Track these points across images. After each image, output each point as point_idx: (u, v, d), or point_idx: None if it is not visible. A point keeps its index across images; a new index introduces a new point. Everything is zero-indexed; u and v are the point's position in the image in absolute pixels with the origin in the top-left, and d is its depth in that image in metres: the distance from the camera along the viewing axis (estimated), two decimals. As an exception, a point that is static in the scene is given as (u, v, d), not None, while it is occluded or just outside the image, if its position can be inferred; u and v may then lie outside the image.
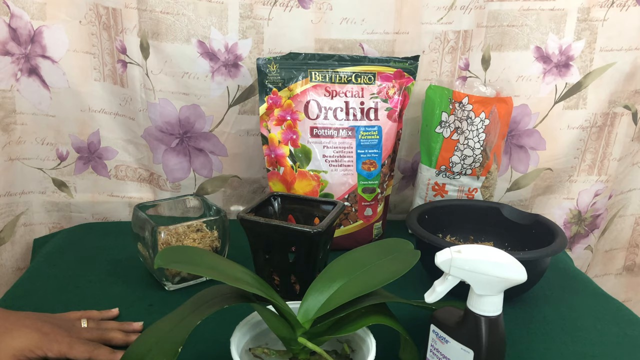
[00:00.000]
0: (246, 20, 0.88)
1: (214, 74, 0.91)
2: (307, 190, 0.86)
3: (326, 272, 0.56)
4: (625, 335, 0.68)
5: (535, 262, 0.69)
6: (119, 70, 0.91)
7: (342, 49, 0.91)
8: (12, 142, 0.93)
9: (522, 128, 1.01)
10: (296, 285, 0.70)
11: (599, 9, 0.94)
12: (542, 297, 0.76)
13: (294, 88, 0.85)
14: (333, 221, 0.69)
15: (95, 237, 0.92)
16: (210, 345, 0.62)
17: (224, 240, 0.78)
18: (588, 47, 0.96)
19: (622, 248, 1.18)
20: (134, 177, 1.01)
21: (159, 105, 0.92)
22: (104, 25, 0.89)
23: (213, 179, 1.00)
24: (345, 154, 0.86)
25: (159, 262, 0.50)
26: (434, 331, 0.54)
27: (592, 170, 1.05)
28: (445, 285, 0.51)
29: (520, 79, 0.97)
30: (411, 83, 0.87)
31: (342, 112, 0.86)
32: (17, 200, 0.96)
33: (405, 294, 0.61)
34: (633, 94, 1.01)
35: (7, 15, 0.86)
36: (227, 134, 0.96)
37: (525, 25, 0.94)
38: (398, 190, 1.05)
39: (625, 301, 1.20)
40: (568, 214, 1.08)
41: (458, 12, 0.91)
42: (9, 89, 0.90)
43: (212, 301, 0.51)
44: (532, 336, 0.67)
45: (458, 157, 0.89)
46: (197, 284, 0.77)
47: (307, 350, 0.53)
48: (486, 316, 0.50)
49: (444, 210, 0.85)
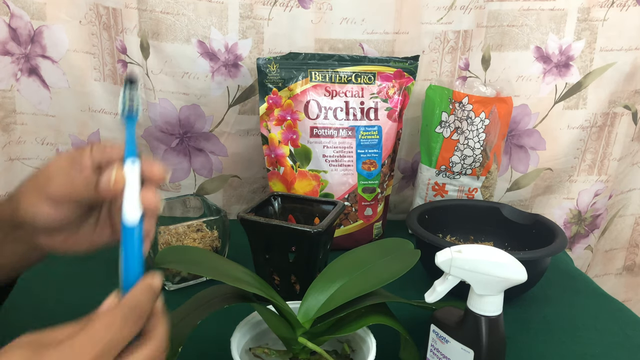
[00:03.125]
0: (246, 20, 0.88)
1: (214, 74, 0.91)
2: (307, 190, 0.86)
3: (326, 272, 0.56)
4: (625, 335, 0.68)
5: (535, 262, 0.69)
6: (119, 70, 0.91)
7: (342, 49, 0.91)
8: (12, 142, 0.93)
9: (522, 128, 1.01)
10: (296, 285, 0.70)
11: (599, 9, 0.94)
12: (542, 297, 0.76)
13: (294, 88, 0.85)
14: (333, 221, 0.69)
15: (95, 237, 0.92)
16: (210, 345, 0.62)
17: (224, 240, 0.78)
18: (588, 47, 0.96)
19: (622, 248, 1.18)
20: (134, 177, 1.01)
21: (159, 105, 0.92)
22: (104, 25, 0.89)
23: (213, 179, 1.00)
24: (345, 154, 0.86)
25: (159, 262, 0.50)
26: (434, 331, 0.54)
27: (592, 170, 1.05)
28: (445, 285, 0.51)
29: (520, 79, 0.97)
30: (411, 83, 0.87)
31: (342, 112, 0.86)
32: (17, 200, 0.96)
33: (405, 294, 0.61)
34: (633, 94, 1.01)
35: (7, 15, 0.86)
36: (227, 134, 0.96)
37: (525, 25, 0.94)
38: (398, 190, 1.05)
39: (625, 301, 1.19)
40: (568, 214, 1.08)
41: (458, 12, 0.91)
42: (9, 89, 0.90)
43: (212, 301, 0.51)
44: (532, 336, 0.67)
45: (458, 157, 0.89)
46: (197, 284, 0.76)
47: (307, 350, 0.53)
48: (486, 316, 0.50)
49: (444, 210, 0.85)
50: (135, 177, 0.41)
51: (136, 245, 0.40)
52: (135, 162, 0.41)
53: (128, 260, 0.39)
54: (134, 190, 0.41)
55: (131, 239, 0.40)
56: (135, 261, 0.39)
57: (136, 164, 0.42)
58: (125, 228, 0.40)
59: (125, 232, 0.40)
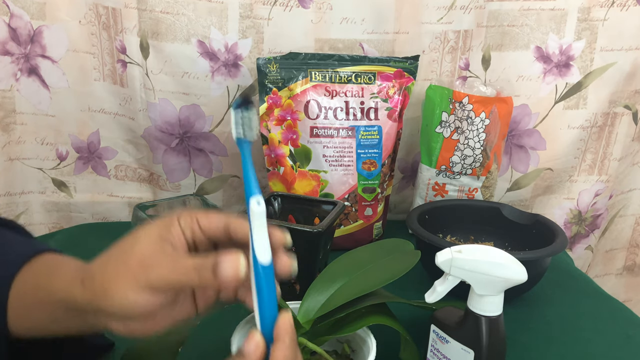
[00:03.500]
0: (246, 20, 0.88)
1: (214, 73, 0.91)
2: (307, 190, 0.85)
3: (326, 272, 0.56)
4: (626, 335, 0.68)
5: (535, 262, 0.69)
6: (119, 70, 0.91)
7: (342, 48, 0.91)
8: (12, 142, 0.93)
9: (523, 128, 1.01)
10: (296, 285, 0.70)
11: (600, 9, 0.94)
12: (542, 297, 0.76)
13: (294, 88, 0.85)
14: (333, 221, 0.69)
15: (94, 237, 0.92)
16: (210, 345, 0.62)
17: (224, 240, 0.78)
18: (588, 47, 0.96)
19: (623, 248, 1.18)
20: (133, 177, 1.01)
21: (159, 105, 0.92)
22: (104, 25, 0.89)
23: (213, 179, 1.00)
24: (345, 154, 0.86)
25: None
26: (435, 331, 0.54)
27: (592, 170, 1.05)
28: (445, 285, 0.50)
29: (520, 78, 0.97)
30: (411, 83, 0.87)
31: (342, 112, 0.86)
32: (16, 200, 0.96)
33: (405, 294, 0.61)
34: (633, 94, 1.01)
35: (7, 15, 0.86)
36: (227, 134, 0.96)
37: (525, 25, 0.94)
38: (398, 190, 1.05)
39: (625, 301, 1.19)
40: (568, 214, 1.08)
41: (458, 12, 0.91)
42: (8, 88, 0.90)
43: (212, 301, 0.51)
44: (532, 336, 0.66)
45: (458, 157, 0.89)
46: (197, 284, 0.76)
47: (307, 351, 0.53)
48: (486, 316, 0.49)
49: (444, 210, 0.85)
50: (263, 218, 0.39)
51: (271, 284, 0.39)
52: (260, 203, 0.39)
53: (263, 299, 0.39)
54: (262, 231, 0.39)
55: (265, 279, 0.39)
56: (271, 299, 0.40)
57: (261, 203, 0.39)
58: (259, 268, 0.39)
59: (258, 272, 0.39)
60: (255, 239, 0.39)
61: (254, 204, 0.39)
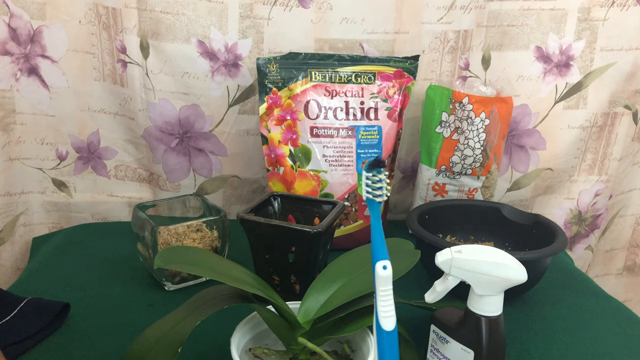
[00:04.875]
0: (246, 20, 0.88)
1: (214, 73, 0.91)
2: (307, 190, 0.85)
3: (326, 272, 0.56)
4: (626, 335, 0.68)
5: (535, 262, 0.69)
6: (119, 70, 0.91)
7: (342, 48, 0.91)
8: (12, 142, 0.93)
9: (523, 128, 1.01)
10: (296, 285, 0.70)
11: (600, 9, 0.94)
12: (542, 297, 0.76)
13: (294, 88, 0.85)
14: (333, 221, 0.69)
15: (94, 237, 0.92)
16: (210, 345, 0.62)
17: (224, 240, 0.78)
18: (588, 47, 0.96)
19: (623, 248, 1.18)
20: (133, 177, 1.01)
21: (159, 105, 0.92)
22: (104, 25, 0.89)
23: (213, 179, 1.00)
24: (345, 154, 0.86)
25: (158, 263, 0.50)
26: (434, 331, 0.54)
27: (592, 170, 1.05)
28: (445, 285, 0.50)
29: (520, 78, 0.97)
30: (411, 83, 0.87)
31: (342, 111, 0.86)
32: (16, 200, 0.96)
33: (405, 294, 0.61)
34: (633, 94, 1.01)
35: (6, 15, 0.86)
36: (227, 134, 0.96)
37: (525, 25, 0.94)
38: (398, 190, 1.05)
39: (625, 301, 1.20)
40: (568, 214, 1.08)
41: (458, 12, 0.91)
42: (8, 88, 0.90)
43: (212, 301, 0.51)
44: (532, 336, 0.67)
45: (458, 157, 0.89)
46: (197, 284, 0.76)
47: (307, 351, 0.53)
48: (486, 316, 0.49)
49: (444, 210, 0.85)
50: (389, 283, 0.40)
51: (394, 350, 0.41)
52: (386, 267, 0.39)
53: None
54: (388, 297, 0.40)
55: (389, 344, 0.40)
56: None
57: (388, 268, 0.39)
58: (383, 334, 0.40)
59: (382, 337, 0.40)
60: (379, 304, 0.40)
61: (380, 269, 0.39)
